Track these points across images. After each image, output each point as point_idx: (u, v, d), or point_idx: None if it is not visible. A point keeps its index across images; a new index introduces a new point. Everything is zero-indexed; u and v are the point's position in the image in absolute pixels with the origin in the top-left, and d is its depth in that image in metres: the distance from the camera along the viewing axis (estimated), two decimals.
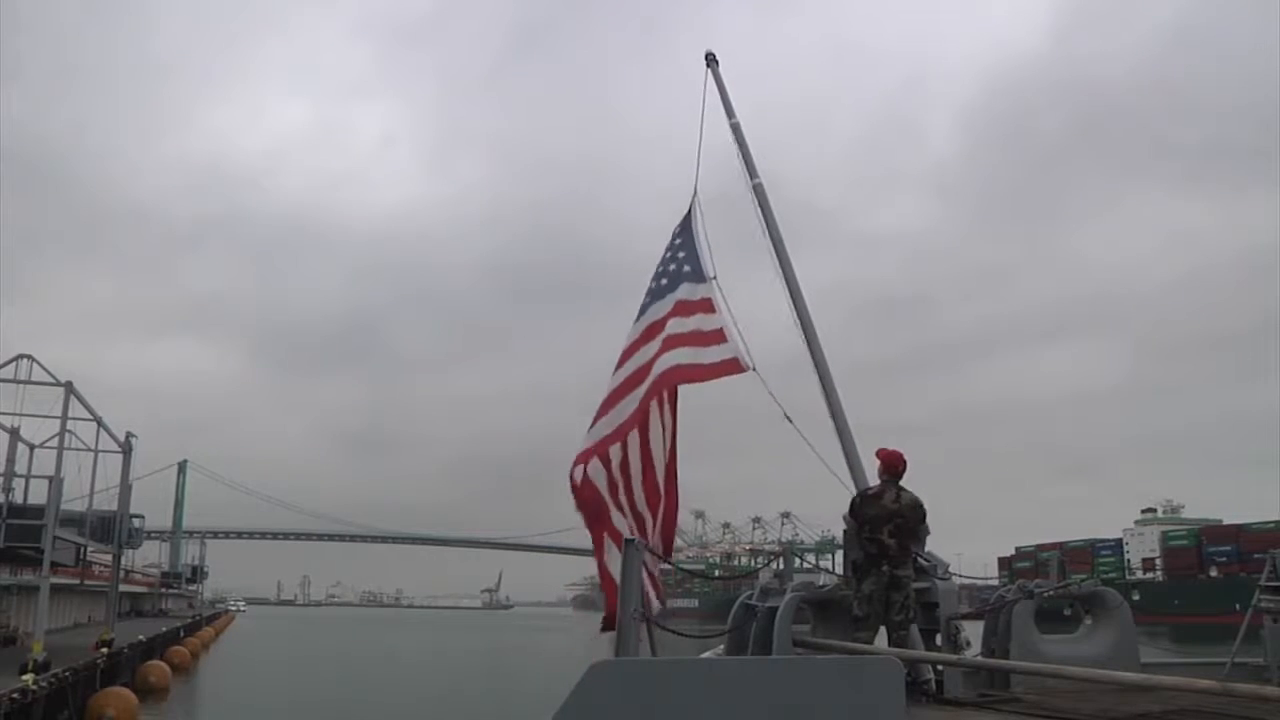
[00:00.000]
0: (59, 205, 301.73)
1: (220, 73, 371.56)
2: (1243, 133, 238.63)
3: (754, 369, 7.92)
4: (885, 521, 7.43)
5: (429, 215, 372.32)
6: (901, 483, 7.69)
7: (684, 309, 8.56)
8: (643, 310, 8.82)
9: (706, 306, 8.53)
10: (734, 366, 8.03)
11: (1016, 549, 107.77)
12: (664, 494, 8.13)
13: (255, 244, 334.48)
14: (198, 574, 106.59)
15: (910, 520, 7.51)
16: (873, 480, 8.12)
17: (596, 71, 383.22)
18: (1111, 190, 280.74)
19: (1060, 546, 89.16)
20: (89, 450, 32.74)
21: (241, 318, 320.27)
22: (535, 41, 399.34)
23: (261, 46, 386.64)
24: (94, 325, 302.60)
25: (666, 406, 8.31)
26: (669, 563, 8.81)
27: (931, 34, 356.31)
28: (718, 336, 8.27)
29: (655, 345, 8.35)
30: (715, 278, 8.77)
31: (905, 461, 7.66)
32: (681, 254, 9.04)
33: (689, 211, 9.43)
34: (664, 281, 8.93)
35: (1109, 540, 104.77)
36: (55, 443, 29.09)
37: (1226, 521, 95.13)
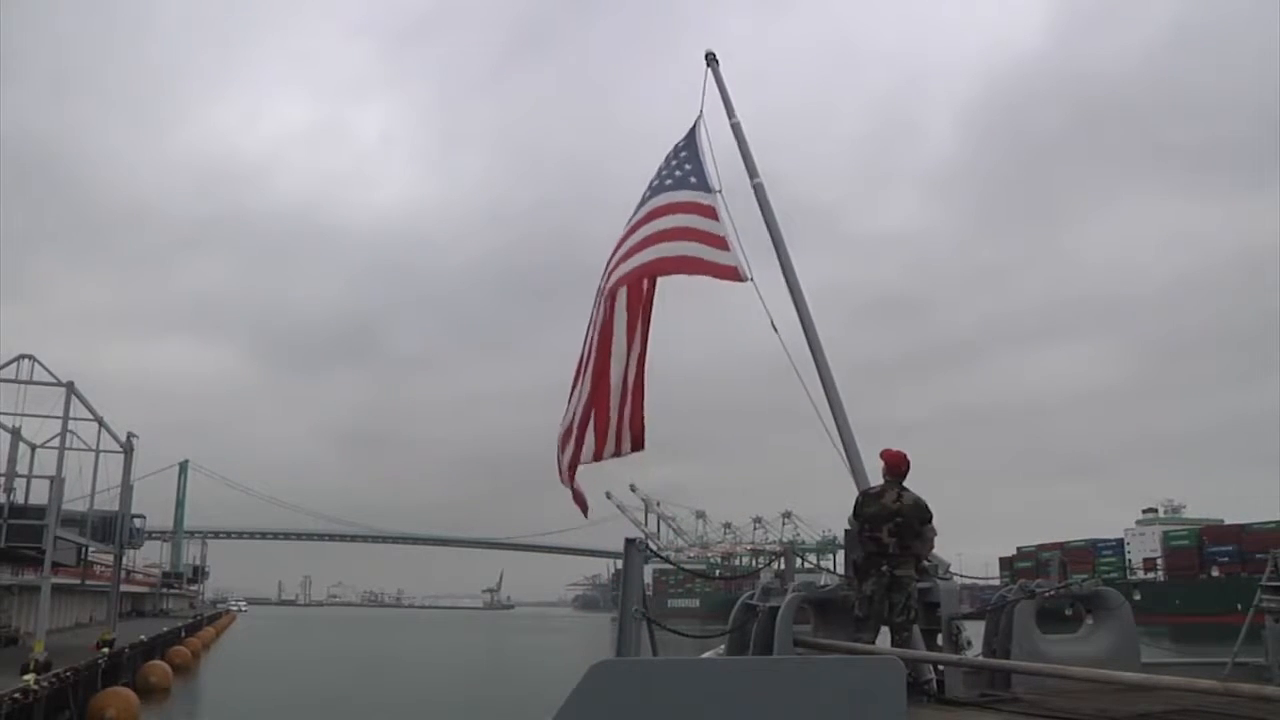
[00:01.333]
0: (58, 205, 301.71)
1: (219, 72, 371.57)
2: (1243, 132, 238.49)
3: (751, 279, 8.04)
4: (885, 520, 7.44)
5: (429, 214, 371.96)
6: (904, 484, 7.70)
7: (684, 208, 8.54)
8: (640, 205, 8.78)
9: (710, 213, 8.54)
10: (732, 274, 8.05)
11: (1018, 549, 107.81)
12: (631, 389, 8.20)
13: (256, 244, 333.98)
14: (199, 574, 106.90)
15: (910, 520, 7.50)
16: (875, 480, 8.12)
17: (597, 70, 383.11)
18: (1111, 190, 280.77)
19: (1061, 546, 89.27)
20: (90, 450, 32.84)
21: (242, 318, 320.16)
22: (536, 40, 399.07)
23: (261, 46, 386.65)
24: (94, 326, 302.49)
25: (623, 311, 8.38)
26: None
27: (931, 33, 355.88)
28: (720, 241, 8.29)
29: (646, 233, 8.37)
30: (720, 191, 8.85)
31: (908, 462, 7.68)
32: (688, 165, 9.02)
33: (693, 128, 9.48)
34: (667, 182, 8.89)
35: (1110, 540, 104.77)
36: (56, 443, 29.13)
37: (1228, 521, 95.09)
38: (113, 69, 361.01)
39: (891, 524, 7.43)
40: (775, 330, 8.16)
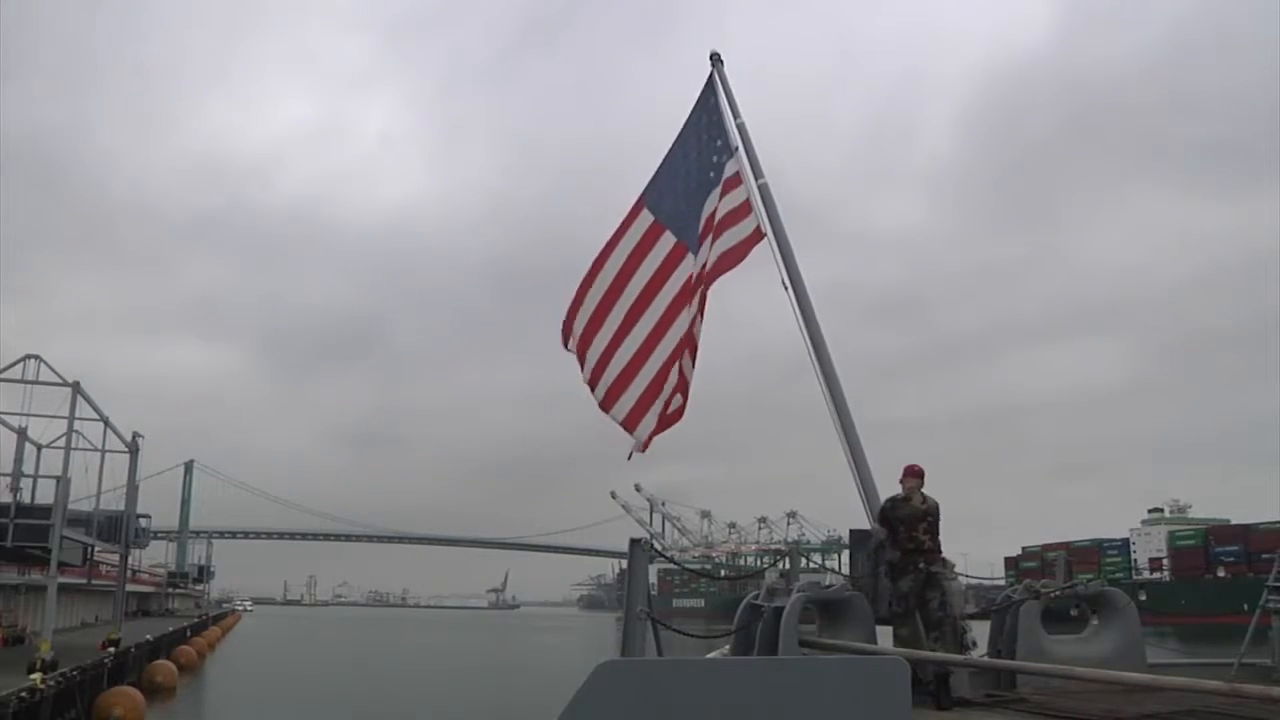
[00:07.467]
0: (59, 204, 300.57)
1: (220, 68, 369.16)
2: (1247, 133, 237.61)
3: (765, 232, 8.95)
4: (919, 520, 7.73)
5: (432, 212, 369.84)
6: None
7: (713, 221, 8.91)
8: (672, 225, 8.91)
9: (733, 184, 9.07)
10: (757, 235, 8.89)
11: (1023, 549, 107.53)
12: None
13: (258, 242, 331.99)
14: (204, 574, 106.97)
15: (938, 519, 7.83)
16: (878, 478, 8.35)
17: (601, 67, 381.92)
18: (1116, 190, 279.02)
19: (1067, 546, 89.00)
20: (96, 450, 32.90)
21: (245, 316, 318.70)
22: (538, 36, 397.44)
23: (261, 41, 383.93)
24: (96, 325, 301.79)
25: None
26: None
27: (933, 32, 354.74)
28: (745, 209, 8.95)
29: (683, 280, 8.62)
30: (738, 148, 9.30)
31: (923, 471, 8.04)
32: (718, 140, 9.34)
33: (709, 84, 9.72)
34: (709, 175, 9.12)
35: (1115, 540, 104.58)
36: (62, 443, 29.22)
37: (1234, 521, 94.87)
38: (112, 66, 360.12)
39: (925, 523, 7.73)
40: (785, 288, 8.88)
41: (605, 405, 8.38)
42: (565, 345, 8.72)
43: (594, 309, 8.62)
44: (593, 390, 8.46)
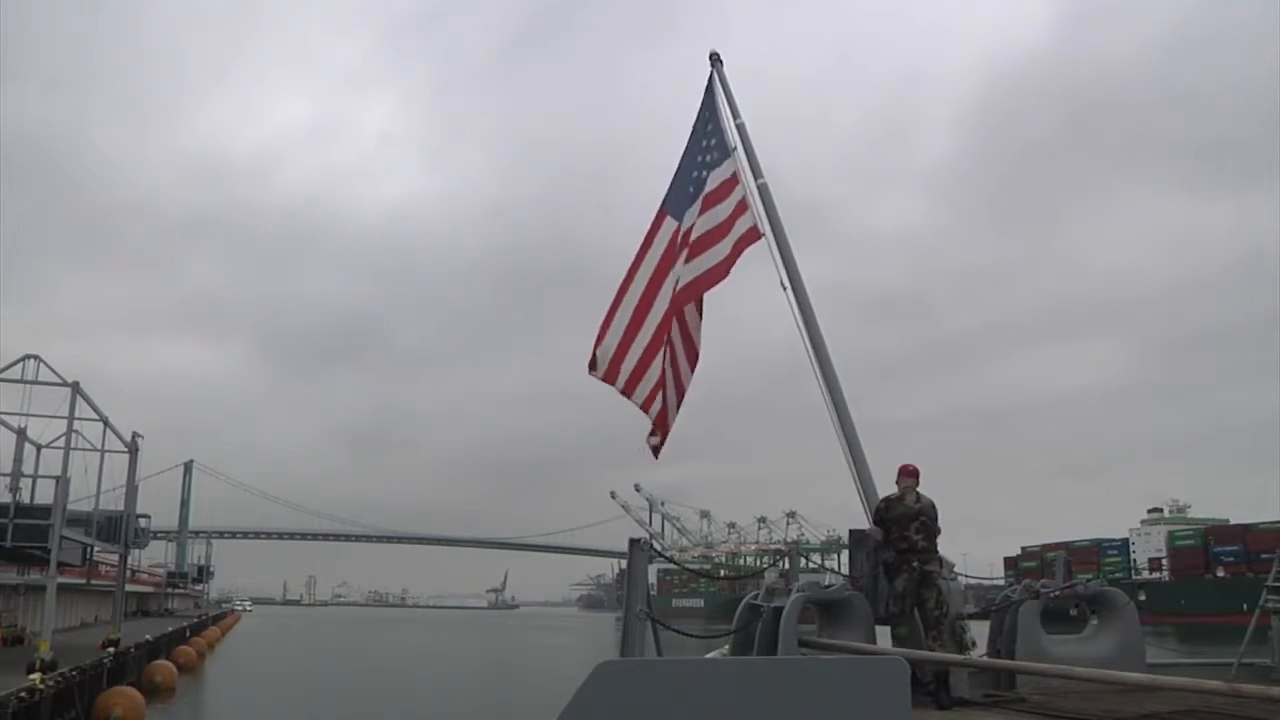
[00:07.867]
0: (59, 204, 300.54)
1: (221, 68, 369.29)
2: (1246, 133, 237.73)
3: (764, 234, 8.93)
4: (911, 520, 7.76)
5: (432, 211, 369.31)
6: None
7: (713, 198, 9.04)
8: (674, 211, 9.01)
9: (731, 184, 9.11)
10: (753, 235, 8.88)
11: (1022, 549, 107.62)
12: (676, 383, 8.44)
13: (257, 242, 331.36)
14: (204, 574, 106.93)
15: (932, 518, 7.86)
16: (878, 478, 8.36)
17: (602, 66, 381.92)
18: (1116, 190, 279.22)
19: (1066, 546, 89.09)
20: (95, 450, 32.86)
21: (245, 316, 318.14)
22: (541, 35, 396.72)
23: (262, 41, 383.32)
24: (96, 325, 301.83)
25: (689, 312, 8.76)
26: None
27: (932, 31, 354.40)
28: (741, 208, 8.94)
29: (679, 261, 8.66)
30: (736, 148, 9.33)
31: (918, 471, 8.06)
32: (714, 140, 9.42)
33: (709, 85, 9.79)
34: (703, 174, 9.21)
35: (1115, 540, 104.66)
36: (62, 443, 29.19)
37: (1233, 521, 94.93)
38: (112, 66, 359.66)
39: (917, 523, 7.76)
40: (784, 288, 8.91)
41: (645, 405, 8.34)
42: (591, 368, 8.38)
43: (629, 319, 8.53)
44: (631, 395, 8.36)
